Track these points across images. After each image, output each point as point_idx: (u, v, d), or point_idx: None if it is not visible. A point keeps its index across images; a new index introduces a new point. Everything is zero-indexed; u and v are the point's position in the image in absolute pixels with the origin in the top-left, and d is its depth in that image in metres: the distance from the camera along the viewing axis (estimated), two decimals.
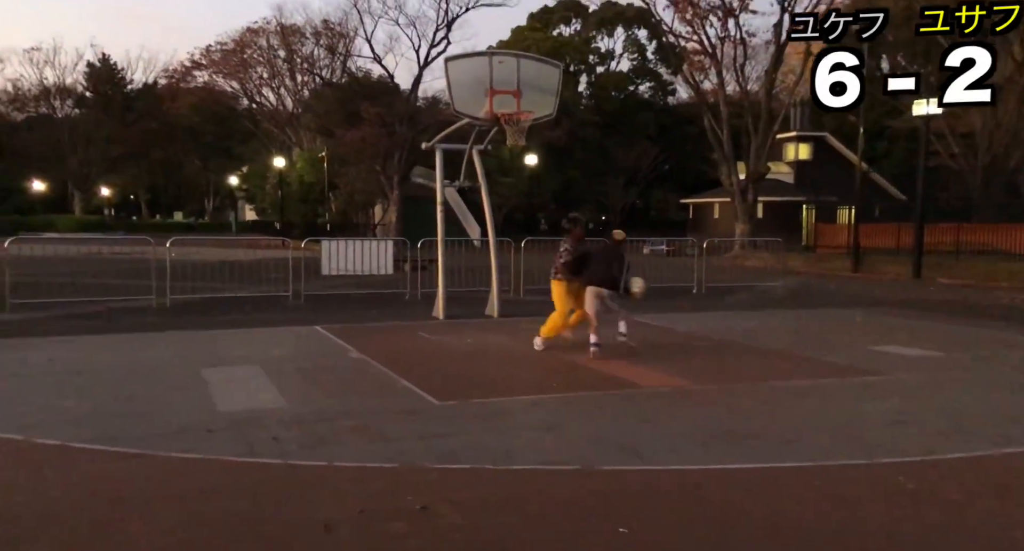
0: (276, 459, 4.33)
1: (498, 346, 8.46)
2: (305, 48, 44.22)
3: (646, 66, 50.27)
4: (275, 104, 49.19)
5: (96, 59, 57.26)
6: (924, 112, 19.31)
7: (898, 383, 6.60)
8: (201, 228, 55.95)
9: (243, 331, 9.37)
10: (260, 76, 48.04)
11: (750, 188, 30.50)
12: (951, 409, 5.69)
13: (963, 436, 4.97)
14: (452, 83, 10.13)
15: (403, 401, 5.78)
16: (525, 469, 4.24)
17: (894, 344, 8.59)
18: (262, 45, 45.42)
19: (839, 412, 5.56)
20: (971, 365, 7.52)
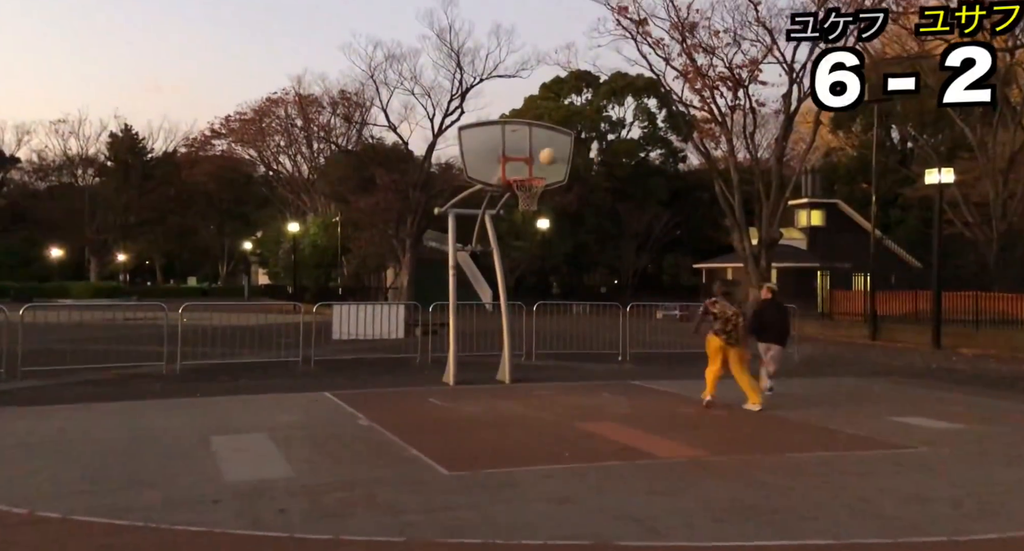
0: (282, 532, 4.20)
1: (510, 413, 8.32)
2: (322, 117, 45.56)
3: (656, 134, 51.29)
4: (291, 171, 50.38)
5: (119, 129, 59.20)
6: (936, 180, 19.44)
7: (921, 457, 6.40)
8: (214, 293, 56.50)
9: (252, 397, 9.30)
10: (277, 144, 49.41)
11: (763, 254, 30.51)
12: (976, 485, 5.48)
13: (990, 515, 4.77)
14: (465, 151, 10.36)
15: (412, 471, 5.65)
16: (537, 544, 4.10)
17: (916, 416, 8.37)
18: (280, 114, 46.86)
19: (860, 487, 5.37)
20: (996, 439, 7.29)
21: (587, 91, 52.24)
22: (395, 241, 36.08)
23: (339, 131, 45.75)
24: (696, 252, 47.49)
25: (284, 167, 50.99)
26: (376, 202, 34.26)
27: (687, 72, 29.03)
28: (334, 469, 5.69)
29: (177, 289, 58.53)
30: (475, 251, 12.17)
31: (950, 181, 19.94)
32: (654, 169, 50.65)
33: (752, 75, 28.19)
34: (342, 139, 45.42)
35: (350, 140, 45.20)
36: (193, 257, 69.00)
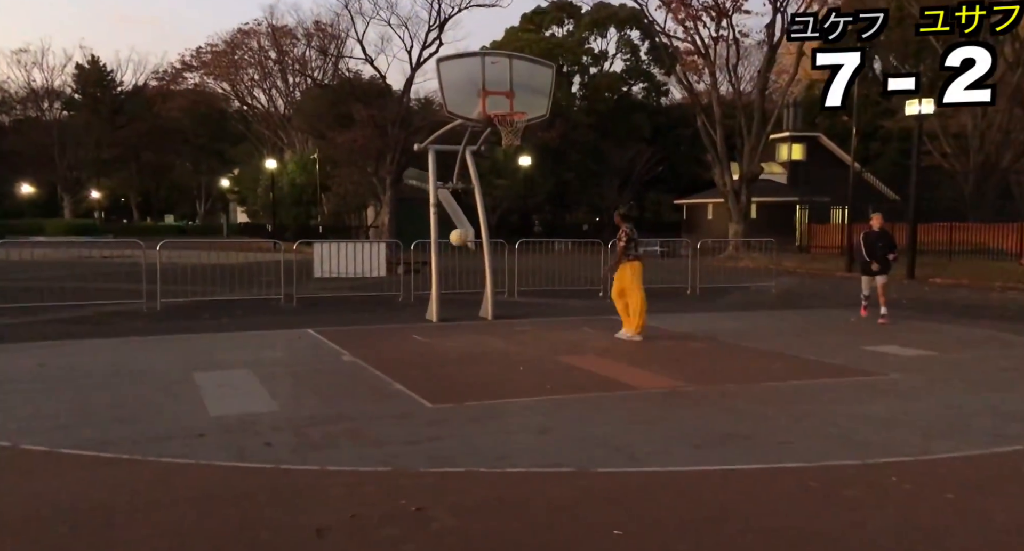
0: (268, 464, 4.28)
1: (492, 348, 8.42)
2: (296, 49, 44.13)
3: (639, 67, 50.33)
4: (266, 106, 49.06)
5: (85, 61, 57.04)
6: (917, 112, 19.38)
7: (893, 383, 6.60)
8: (192, 231, 55.75)
9: (235, 335, 9.31)
10: (251, 78, 47.91)
11: (744, 189, 30.56)
12: (945, 409, 5.69)
13: (957, 435, 4.97)
14: (444, 84, 10.10)
15: (396, 405, 5.74)
16: (519, 472, 4.21)
17: (889, 344, 8.60)
18: (253, 46, 45.32)
19: (833, 413, 5.55)
20: (965, 364, 7.53)
21: (569, 22, 50.83)
22: (375, 179, 35.59)
23: (315, 64, 44.38)
24: (678, 189, 47.46)
25: (259, 102, 49.62)
26: (354, 138, 33.59)
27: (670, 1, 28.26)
28: (318, 404, 5.76)
29: (154, 227, 57.62)
30: (456, 188, 12.04)
31: (930, 112, 19.88)
32: (637, 104, 49.94)
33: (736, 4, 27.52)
34: (318, 72, 44.09)
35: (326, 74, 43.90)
36: (170, 195, 67.72)
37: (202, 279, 13.89)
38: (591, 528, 3.43)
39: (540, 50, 40.14)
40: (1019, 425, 5.21)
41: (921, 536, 3.39)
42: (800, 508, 3.70)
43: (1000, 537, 3.37)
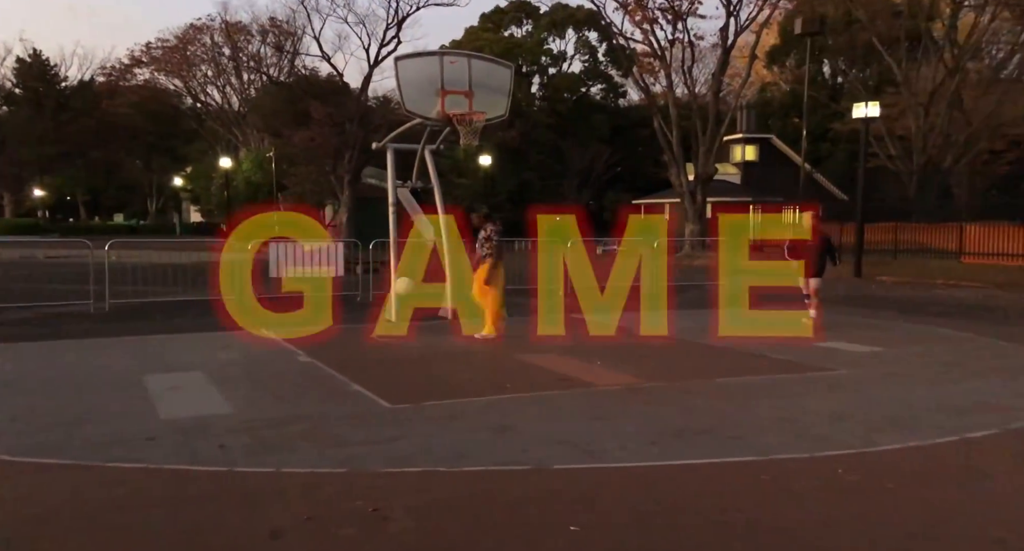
0: (221, 467, 4.21)
1: (452, 348, 8.41)
2: (251, 46, 43.39)
3: (598, 68, 50.77)
4: (220, 103, 48.07)
5: (26, 54, 54.99)
6: (863, 114, 19.98)
7: (841, 378, 6.81)
8: (144, 230, 54.22)
9: (187, 336, 9.10)
10: (204, 74, 46.90)
11: (699, 189, 31.08)
12: (890, 403, 5.89)
13: (900, 428, 5.15)
14: (402, 82, 10.04)
15: (354, 405, 5.69)
16: (478, 470, 4.22)
17: (838, 340, 8.85)
18: (206, 42, 44.37)
19: (785, 407, 5.70)
20: (909, 360, 7.80)
21: (527, 22, 50.99)
22: (333, 177, 35.16)
23: (270, 61, 43.69)
24: (636, 189, 48.00)
25: (213, 99, 48.60)
26: (312, 137, 33.14)
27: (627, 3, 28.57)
28: (274, 405, 5.68)
29: (103, 226, 55.80)
30: (416, 187, 11.97)
31: (876, 115, 20.53)
32: (596, 105, 50.37)
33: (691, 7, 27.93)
34: (273, 70, 43.40)
35: (282, 71, 43.25)
36: (119, 193, 65.65)
37: (154, 279, 13.54)
38: (548, 525, 3.46)
39: (499, 50, 40.20)
40: (959, 418, 5.43)
41: (863, 525, 3.51)
42: (751, 501, 3.80)
43: (936, 524, 3.51)
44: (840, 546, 3.28)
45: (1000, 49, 33.13)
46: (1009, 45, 31.82)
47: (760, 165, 40.57)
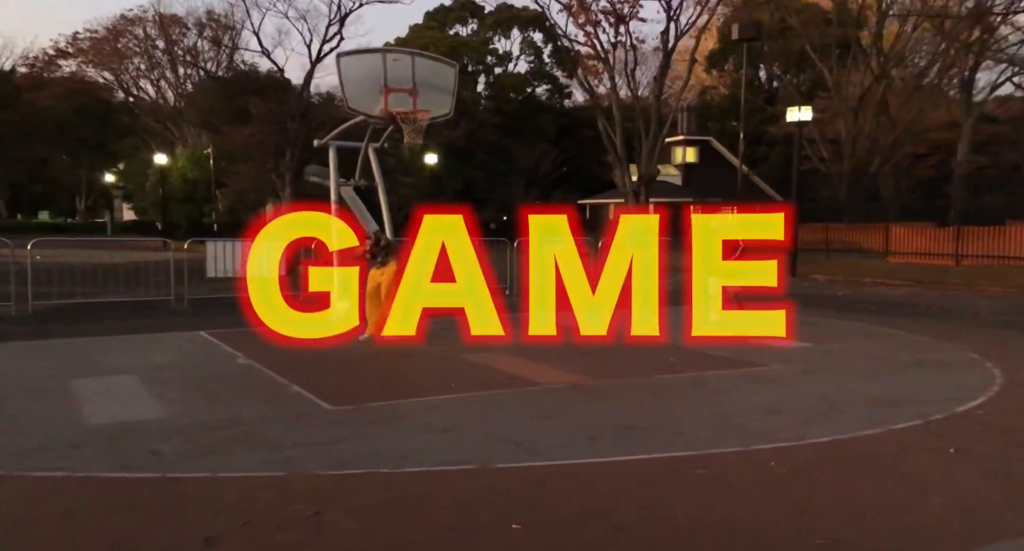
0: (153, 473, 4.08)
1: (397, 348, 8.33)
2: (187, 40, 41.99)
3: (543, 69, 51.07)
4: (155, 97, 46.39)
5: None
6: (797, 118, 20.68)
7: (775, 373, 7.04)
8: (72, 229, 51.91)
9: (119, 338, 8.77)
10: (137, 68, 45.16)
11: (642, 189, 31.63)
12: (820, 396, 6.13)
13: (829, 421, 5.36)
14: (345, 80, 9.91)
15: (295, 408, 5.59)
16: (421, 471, 4.21)
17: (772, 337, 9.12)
18: (138, 34, 42.72)
19: (722, 403, 5.86)
20: (839, 354, 8.12)
21: (473, 22, 50.94)
22: (274, 175, 34.42)
23: (208, 55, 42.38)
24: (582, 189, 48.54)
25: (146, 93, 46.84)
26: (252, 133, 32.37)
27: (571, 5, 28.84)
28: (211, 408, 5.53)
29: (26, 224, 53.15)
30: (359, 186, 11.83)
31: (808, 119, 21.30)
32: (541, 105, 50.66)
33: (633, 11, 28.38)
34: (211, 64, 42.17)
35: (220, 66, 42.04)
36: (46, 190, 62.64)
37: (82, 280, 12.99)
38: (491, 523, 3.48)
39: (444, 48, 40.02)
40: (884, 410, 5.68)
41: (794, 515, 3.65)
42: (689, 494, 3.90)
43: (861, 513, 3.68)
44: (771, 535, 3.40)
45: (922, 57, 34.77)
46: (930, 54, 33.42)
47: (700, 166, 41.55)
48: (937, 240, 23.39)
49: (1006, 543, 3.33)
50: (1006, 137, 35.40)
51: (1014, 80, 34.37)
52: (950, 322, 11.01)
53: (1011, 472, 4.25)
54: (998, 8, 27.75)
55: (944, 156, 34.68)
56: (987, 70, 34.45)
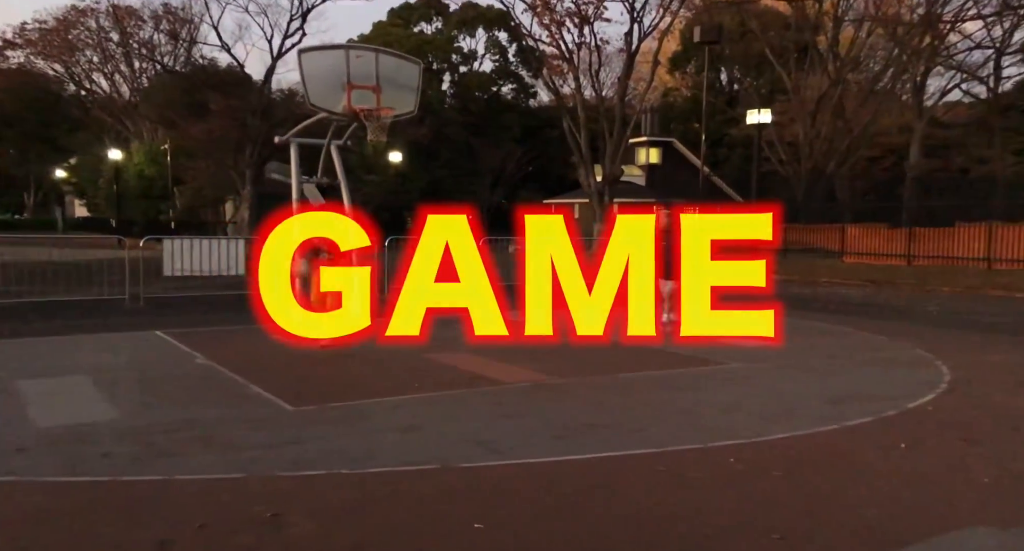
0: (105, 477, 3.96)
1: (360, 348, 8.23)
2: (143, 32, 40.90)
3: (508, 68, 51.09)
4: (109, 91, 45.10)
5: None
6: (757, 120, 21.07)
7: (734, 371, 7.16)
8: (20, 225, 50.23)
9: (70, 338, 8.51)
10: (89, 60, 43.84)
11: (607, 190, 31.87)
12: (778, 394, 6.25)
13: (786, 418, 5.47)
14: (307, 76, 9.77)
15: (254, 408, 5.50)
16: (383, 471, 4.17)
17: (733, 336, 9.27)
18: (91, 26, 41.44)
19: (682, 400, 5.94)
20: (795, 353, 8.29)
21: (437, 20, 50.72)
22: (234, 172, 33.78)
23: (164, 49, 41.36)
24: (547, 188, 48.70)
25: (100, 87, 45.50)
26: (211, 129, 31.68)
27: (535, 5, 28.93)
28: (168, 410, 5.40)
29: None
30: (321, 183, 11.68)
31: (768, 121, 21.75)
32: (507, 105, 50.67)
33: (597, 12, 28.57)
34: (168, 58, 41.14)
35: (178, 60, 41.07)
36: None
37: (30, 278, 12.58)
38: (453, 523, 3.46)
39: (409, 46, 39.76)
40: (840, 407, 5.82)
41: (753, 510, 3.71)
42: (650, 491, 3.94)
43: (816, 507, 3.76)
44: (729, 530, 3.46)
45: (876, 63, 35.75)
46: (883, 59, 34.38)
47: (663, 167, 42.04)
48: (890, 241, 24.06)
49: (955, 533, 3.44)
50: (955, 141, 36.62)
51: (962, 86, 35.58)
52: (902, 321, 11.33)
53: (960, 466, 4.39)
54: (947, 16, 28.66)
55: (897, 159, 35.71)
56: (937, 76, 35.60)
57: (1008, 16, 28.26)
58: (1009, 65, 34.56)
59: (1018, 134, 36.86)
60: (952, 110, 38.54)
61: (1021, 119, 36.66)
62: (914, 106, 34.10)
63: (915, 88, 33.77)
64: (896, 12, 31.11)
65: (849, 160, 34.19)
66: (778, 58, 34.22)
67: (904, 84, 35.44)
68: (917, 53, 30.97)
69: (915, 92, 33.89)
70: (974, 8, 27.21)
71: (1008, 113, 34.95)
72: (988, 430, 5.17)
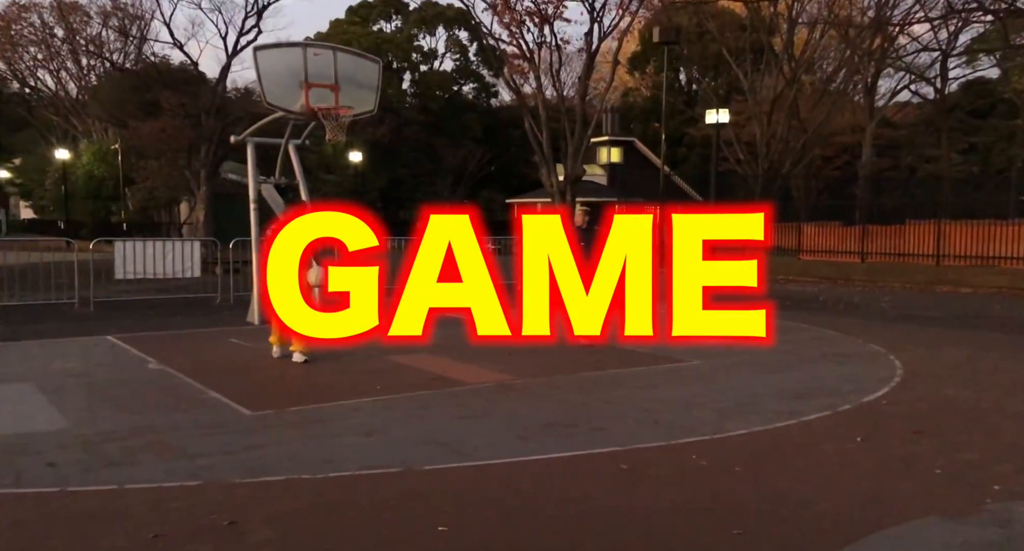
0: (51, 488, 3.81)
1: (321, 350, 8.11)
2: (90, 29, 39.67)
3: (469, 67, 50.96)
4: (55, 89, 43.64)
5: None
6: (715, 120, 21.39)
7: (695, 369, 7.24)
8: None
9: (14, 344, 8.20)
10: (33, 57, 42.36)
11: (568, 189, 31.99)
12: (737, 390, 6.34)
13: (747, 414, 5.55)
14: (263, 74, 9.59)
15: (210, 414, 5.36)
16: (344, 475, 4.10)
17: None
18: (34, 22, 40.05)
19: (644, 398, 5.98)
20: (753, 350, 8.41)
21: (396, 18, 50.37)
22: (188, 172, 32.98)
23: (113, 46, 40.18)
24: (509, 188, 48.73)
25: (45, 84, 43.96)
26: (162, 128, 30.87)
27: (495, 4, 28.91)
28: (118, 417, 5.23)
29: None
30: (279, 184, 11.47)
31: (726, 121, 22.09)
32: (468, 104, 50.56)
33: (557, 11, 28.68)
34: (118, 55, 39.96)
35: (128, 57, 39.92)
36: None
37: None
38: (416, 527, 3.42)
39: (368, 44, 39.39)
40: (796, 402, 5.92)
41: (715, 505, 3.74)
42: (613, 489, 3.95)
43: (776, 501, 3.81)
44: (692, 526, 3.48)
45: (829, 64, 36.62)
46: (836, 61, 35.23)
47: (625, 167, 42.41)
48: (844, 239, 24.65)
49: (909, 524, 3.52)
50: (904, 141, 37.74)
51: (911, 87, 36.68)
52: (857, 317, 11.62)
53: (913, 458, 4.51)
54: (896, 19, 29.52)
55: (850, 158, 36.64)
56: (887, 77, 36.63)
57: (953, 20, 29.22)
58: (955, 67, 35.76)
59: (963, 134, 38.21)
60: (902, 111, 39.73)
61: (966, 120, 38.01)
62: (865, 107, 35.03)
63: (866, 89, 34.68)
64: (848, 15, 31.91)
65: (804, 160, 34.93)
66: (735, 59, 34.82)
67: (856, 85, 36.37)
68: (868, 55, 31.83)
69: (866, 93, 34.81)
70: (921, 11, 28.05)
71: (954, 113, 36.16)
72: (939, 422, 5.32)
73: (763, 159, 34.13)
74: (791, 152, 34.37)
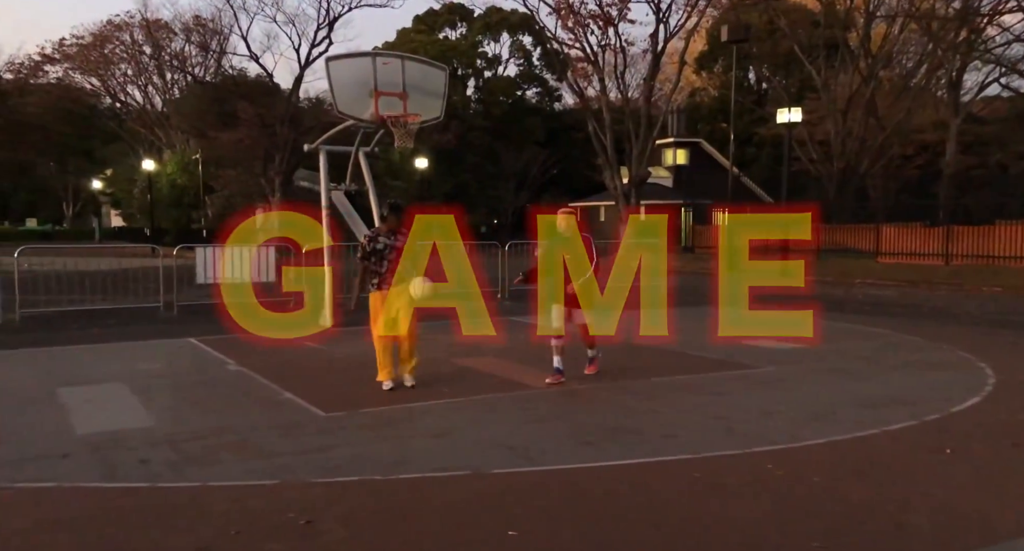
0: (143, 483, 4.02)
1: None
2: (175, 45, 41.80)
3: (532, 72, 51.16)
4: (142, 103, 46.13)
5: None
6: (786, 119, 20.77)
7: (766, 375, 7.03)
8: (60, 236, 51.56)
9: (107, 346, 8.68)
10: (124, 73, 44.92)
11: (633, 192, 31.66)
12: (813, 398, 6.12)
13: (823, 423, 5.35)
14: (334, 84, 9.87)
15: (286, 415, 5.53)
16: (414, 477, 4.16)
17: (763, 338, 9.14)
18: (125, 40, 42.49)
19: (716, 405, 5.84)
20: (830, 356, 8.12)
21: (461, 25, 51.00)
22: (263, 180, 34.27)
23: (195, 60, 42.21)
24: (572, 191, 48.61)
25: (134, 99, 46.57)
26: (240, 138, 32.22)
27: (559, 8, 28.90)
28: (201, 417, 5.47)
29: (13, 232, 52.75)
30: (350, 190, 11.78)
31: (798, 120, 21.41)
32: (531, 108, 50.74)
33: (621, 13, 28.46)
34: (199, 69, 41.98)
35: (208, 70, 41.88)
36: (32, 197, 62.19)
37: (69, 287, 12.87)
38: (486, 530, 3.44)
39: (433, 52, 40.05)
40: (875, 411, 5.68)
41: (792, 517, 3.62)
42: (686, 498, 3.87)
43: (858, 515, 3.66)
44: (768, 538, 3.38)
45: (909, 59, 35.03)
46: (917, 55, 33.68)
47: (691, 168, 41.66)
48: (926, 240, 23.52)
49: (1003, 544, 3.32)
50: (994, 137, 35.69)
51: (1001, 80, 34.67)
52: (941, 322, 11.05)
53: (1007, 473, 4.25)
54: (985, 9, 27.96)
55: (932, 156, 34.92)
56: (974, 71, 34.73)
57: None
58: None
59: None
60: (990, 105, 37.60)
61: None
62: (950, 102, 33.30)
63: (951, 84, 32.99)
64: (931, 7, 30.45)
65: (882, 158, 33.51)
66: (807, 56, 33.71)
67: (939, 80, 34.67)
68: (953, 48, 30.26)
69: (951, 87, 33.10)
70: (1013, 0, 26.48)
71: None
72: None
73: (838, 158, 32.89)
74: (868, 151, 33.01)
